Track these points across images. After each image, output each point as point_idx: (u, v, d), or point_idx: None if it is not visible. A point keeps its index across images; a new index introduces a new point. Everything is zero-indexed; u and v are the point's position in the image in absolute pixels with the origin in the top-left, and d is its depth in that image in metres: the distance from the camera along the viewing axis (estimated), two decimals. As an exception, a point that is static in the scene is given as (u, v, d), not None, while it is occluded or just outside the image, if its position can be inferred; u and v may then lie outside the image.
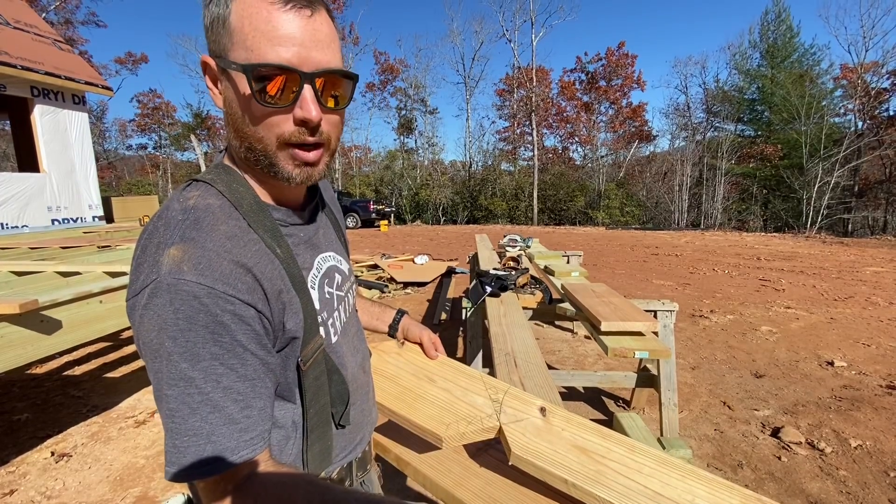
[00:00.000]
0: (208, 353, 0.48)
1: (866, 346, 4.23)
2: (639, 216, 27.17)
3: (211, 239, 0.51)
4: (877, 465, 2.40)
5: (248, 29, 0.50)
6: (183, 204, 0.54)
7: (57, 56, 6.93)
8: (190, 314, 0.47)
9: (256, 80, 0.51)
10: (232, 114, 0.55)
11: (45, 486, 2.27)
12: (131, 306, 0.50)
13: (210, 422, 0.48)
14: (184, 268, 0.48)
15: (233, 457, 0.49)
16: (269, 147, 0.55)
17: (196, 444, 0.48)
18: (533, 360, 1.70)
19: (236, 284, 0.50)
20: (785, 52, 25.67)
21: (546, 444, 0.76)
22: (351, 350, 0.74)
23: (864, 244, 13.34)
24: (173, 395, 0.48)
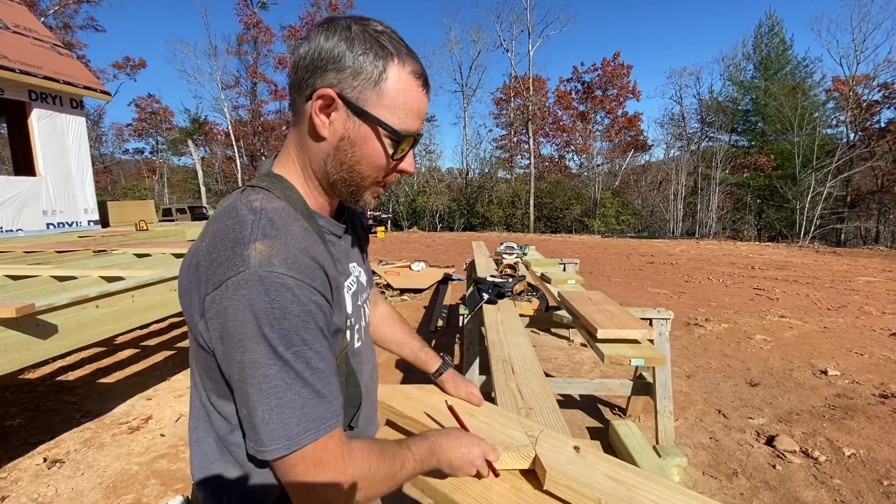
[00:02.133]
0: (299, 339, 0.53)
1: (859, 355, 4.27)
2: (634, 225, 27.32)
3: (290, 236, 0.56)
4: (870, 474, 2.42)
5: (401, 101, 0.60)
6: (249, 206, 0.58)
7: (55, 60, 6.94)
8: (284, 304, 0.52)
9: (393, 142, 0.61)
10: (343, 149, 0.61)
11: (37, 493, 2.24)
12: (212, 300, 0.53)
13: (303, 396, 0.53)
14: (273, 261, 0.52)
15: (324, 425, 0.55)
16: (366, 182, 0.64)
17: (294, 415, 0.53)
18: (530, 368, 1.71)
19: (316, 278, 0.55)
20: (778, 65, 26.06)
21: (580, 472, 0.79)
22: (367, 357, 0.79)
23: (857, 254, 13.47)
24: (272, 375, 0.52)
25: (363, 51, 0.57)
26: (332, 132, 0.61)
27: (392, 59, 0.58)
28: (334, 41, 0.57)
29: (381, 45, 0.58)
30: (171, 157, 36.07)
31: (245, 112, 32.20)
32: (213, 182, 31.76)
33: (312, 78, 0.59)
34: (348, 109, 0.59)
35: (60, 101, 6.82)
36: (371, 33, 0.58)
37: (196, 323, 0.56)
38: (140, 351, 4.45)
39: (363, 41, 0.57)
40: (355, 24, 0.58)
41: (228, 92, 31.14)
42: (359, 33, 0.58)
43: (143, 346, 4.61)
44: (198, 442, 0.65)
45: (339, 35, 0.58)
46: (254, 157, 32.26)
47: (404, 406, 1.03)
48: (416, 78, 0.60)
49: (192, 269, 0.57)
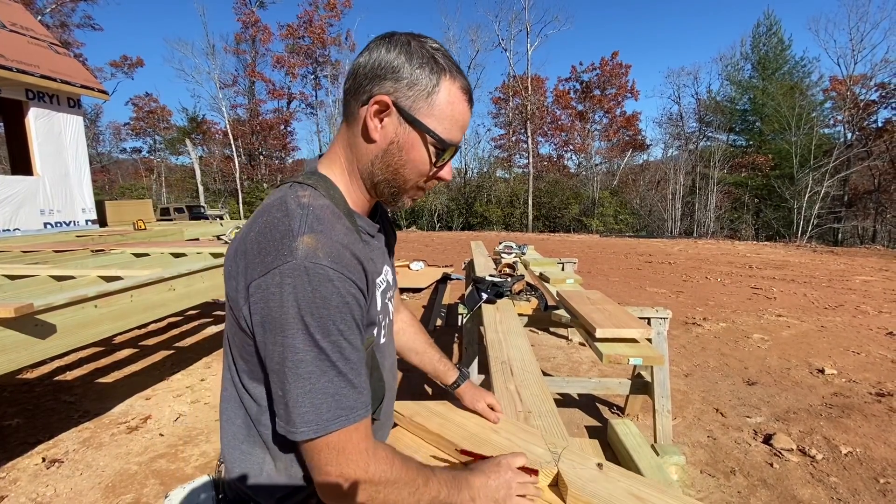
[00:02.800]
0: (336, 329, 0.56)
1: (856, 353, 4.29)
2: (632, 224, 27.37)
3: (333, 232, 0.60)
4: (867, 472, 2.43)
5: (449, 113, 0.65)
6: (298, 201, 0.62)
7: (52, 59, 6.91)
8: (325, 294, 0.55)
9: (437, 150, 0.66)
10: (391, 152, 0.66)
11: (35, 493, 2.24)
12: (258, 286, 0.56)
13: (335, 384, 0.56)
14: (318, 254, 0.56)
15: (353, 414, 0.58)
16: (408, 185, 0.69)
17: (327, 401, 0.56)
18: (529, 369, 1.71)
19: (355, 272, 0.59)
20: (776, 64, 26.12)
21: (602, 489, 0.78)
22: (389, 353, 0.83)
23: (854, 253, 13.52)
24: (308, 360, 0.55)
25: (420, 64, 0.63)
26: (382, 136, 0.65)
27: (445, 74, 0.64)
28: (394, 53, 0.63)
29: (435, 61, 0.64)
30: (169, 157, 36.01)
31: (243, 111, 32.15)
32: (211, 181, 31.69)
33: (371, 85, 0.63)
34: (400, 116, 0.64)
35: (57, 100, 6.80)
36: (428, 50, 0.64)
37: (241, 307, 0.59)
38: (138, 351, 4.44)
39: (420, 56, 0.63)
40: (413, 41, 0.64)
41: (226, 91, 31.10)
42: (417, 48, 0.63)
43: (142, 345, 4.60)
44: (228, 422, 0.69)
45: (399, 48, 0.63)
46: (252, 156, 32.19)
47: (430, 423, 1.03)
48: (463, 93, 0.66)
49: (239, 255, 0.60)
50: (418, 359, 1.07)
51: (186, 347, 4.53)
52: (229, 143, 30.03)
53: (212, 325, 5.28)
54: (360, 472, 0.58)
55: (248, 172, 31.47)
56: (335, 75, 32.03)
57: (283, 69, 31.62)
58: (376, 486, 0.59)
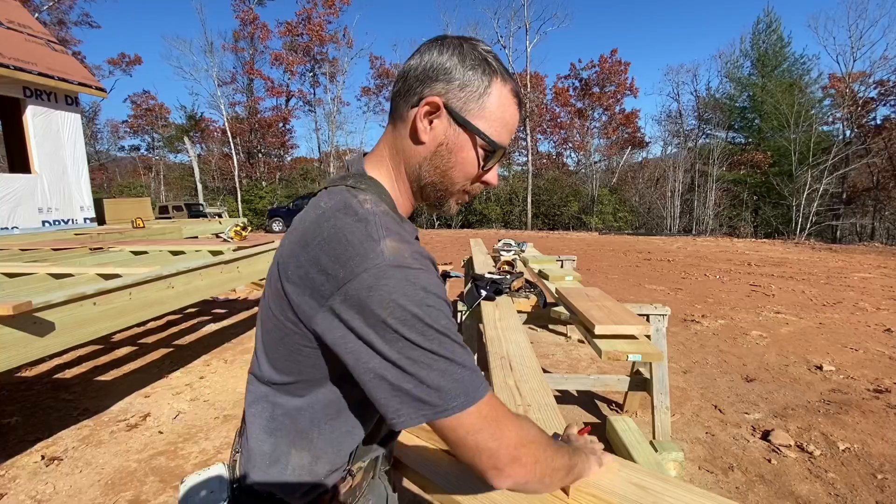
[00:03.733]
0: (443, 316, 0.56)
1: (854, 350, 4.30)
2: (631, 222, 27.38)
3: (405, 235, 0.60)
4: (864, 468, 2.44)
5: (500, 116, 0.64)
6: (363, 206, 0.61)
7: (50, 57, 6.88)
8: (426, 284, 0.55)
9: (486, 152, 0.65)
10: (440, 154, 0.65)
11: (35, 491, 2.24)
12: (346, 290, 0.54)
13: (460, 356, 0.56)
14: (405, 255, 0.56)
15: (482, 387, 0.57)
16: (454, 188, 0.68)
17: (465, 375, 0.55)
18: (528, 364, 1.71)
19: (434, 272, 0.59)
20: (775, 62, 26.11)
21: (604, 479, 0.79)
22: None
23: (852, 250, 13.55)
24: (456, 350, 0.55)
25: (472, 66, 0.63)
26: (432, 137, 0.65)
27: (496, 76, 0.64)
28: (447, 55, 0.63)
29: (488, 63, 0.64)
30: (168, 155, 35.90)
31: (241, 109, 32.04)
32: (210, 179, 31.62)
33: (422, 87, 0.63)
34: (451, 118, 0.63)
35: (55, 97, 6.77)
36: (480, 52, 0.64)
37: (311, 317, 0.57)
38: (137, 349, 4.44)
39: (473, 58, 0.63)
40: (466, 43, 0.64)
41: (225, 88, 30.95)
42: (469, 50, 0.63)
43: (140, 343, 4.60)
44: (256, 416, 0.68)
45: (452, 51, 0.63)
46: (250, 154, 32.11)
47: None
48: (514, 97, 0.66)
49: (306, 264, 0.58)
50: None
51: (185, 345, 4.52)
52: (228, 141, 29.95)
53: (211, 323, 5.28)
54: (520, 436, 0.59)
55: (247, 170, 31.38)
56: (333, 73, 31.95)
57: (282, 67, 31.53)
58: (534, 452, 0.60)
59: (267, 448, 0.67)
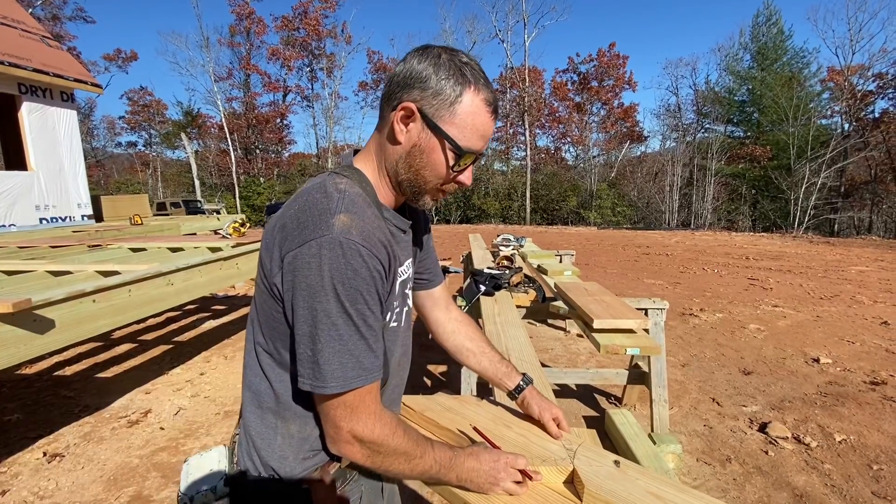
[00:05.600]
0: (362, 298, 0.63)
1: (851, 343, 4.33)
2: (630, 216, 27.38)
3: (366, 217, 0.66)
4: (860, 459, 2.47)
5: (470, 123, 0.69)
6: (336, 186, 0.68)
7: (45, 52, 6.83)
8: (356, 267, 0.62)
9: (456, 156, 0.70)
10: (413, 154, 0.71)
11: (37, 487, 2.26)
12: (295, 255, 0.62)
13: (359, 346, 0.63)
14: (352, 231, 0.62)
15: (370, 375, 0.65)
16: (427, 186, 0.74)
17: (351, 361, 0.63)
18: (527, 359, 1.72)
19: (380, 253, 0.65)
20: (775, 55, 26.03)
21: (620, 487, 0.77)
22: (402, 341, 0.85)
23: (850, 244, 13.59)
24: (339, 324, 0.62)
25: (446, 76, 0.68)
26: (407, 139, 0.71)
27: (469, 86, 0.68)
28: (424, 64, 0.68)
29: (462, 74, 0.68)
30: (165, 151, 35.74)
31: (238, 104, 31.87)
32: (208, 176, 31.49)
33: (401, 92, 0.69)
34: (424, 122, 0.69)
35: (51, 93, 6.73)
36: (456, 63, 0.69)
37: (275, 275, 0.65)
38: (137, 345, 4.44)
39: (448, 68, 0.68)
40: (445, 53, 0.69)
41: (221, 84, 30.78)
42: (446, 61, 0.68)
43: (140, 340, 4.61)
44: (247, 388, 0.75)
45: (430, 60, 0.68)
46: (248, 150, 31.99)
47: (441, 418, 1.02)
48: (487, 105, 0.70)
49: (277, 228, 0.67)
50: (475, 360, 1.02)
51: (185, 342, 4.53)
52: (225, 137, 29.82)
53: (210, 320, 5.29)
54: (366, 431, 0.66)
55: (245, 167, 31.26)
56: (330, 68, 31.78)
57: (279, 62, 31.36)
58: (377, 446, 0.67)
59: (258, 422, 0.73)
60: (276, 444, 0.72)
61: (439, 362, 3.86)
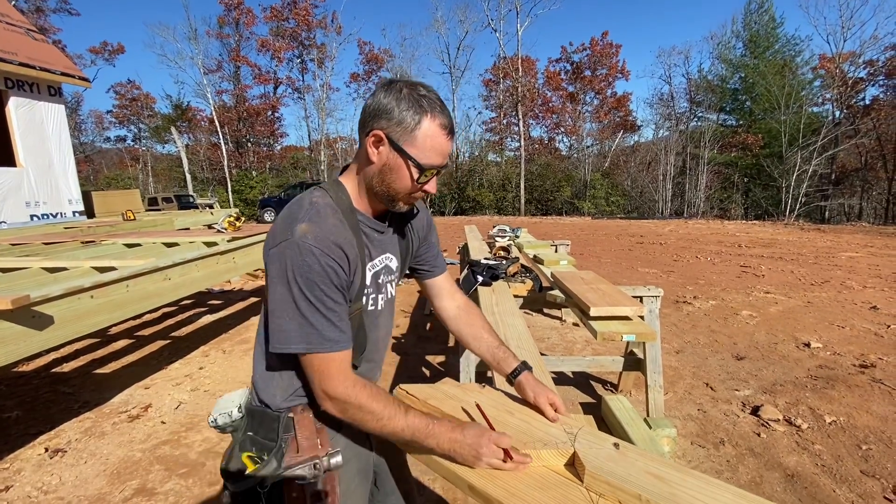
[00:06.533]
0: (318, 288, 0.80)
1: (841, 328, 4.41)
2: (624, 206, 27.50)
3: (324, 225, 0.82)
4: (850, 439, 2.54)
5: (429, 144, 0.84)
6: (310, 200, 0.87)
7: (31, 46, 6.71)
8: (310, 263, 0.79)
9: (419, 172, 0.85)
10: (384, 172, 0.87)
11: (41, 482, 2.27)
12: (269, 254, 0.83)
13: (321, 323, 0.81)
14: (308, 236, 0.79)
15: (337, 345, 0.82)
16: (399, 196, 0.89)
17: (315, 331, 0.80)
18: (526, 347, 1.75)
19: (334, 253, 0.81)
20: (767, 42, 26.06)
21: (620, 468, 0.79)
22: (382, 322, 1.02)
23: (840, 230, 13.76)
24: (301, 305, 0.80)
25: (407, 107, 0.82)
26: (378, 159, 0.87)
27: (426, 115, 0.83)
28: (389, 98, 0.83)
29: (420, 105, 0.83)
30: (155, 146, 35.28)
31: (229, 97, 31.45)
32: (199, 170, 31.17)
33: (372, 121, 0.85)
34: (391, 146, 0.84)
35: (38, 88, 6.62)
36: (415, 96, 0.83)
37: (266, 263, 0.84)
38: (134, 341, 4.44)
39: (408, 100, 0.83)
40: (406, 88, 0.84)
41: (211, 76, 30.30)
42: (406, 94, 0.83)
43: (137, 336, 4.60)
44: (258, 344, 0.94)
45: (393, 94, 0.83)
46: (239, 143, 31.65)
47: (444, 404, 1.04)
48: (442, 129, 0.85)
49: (269, 234, 0.86)
50: (476, 345, 1.12)
51: (183, 337, 4.53)
52: (216, 131, 29.46)
53: (207, 315, 5.28)
54: (334, 390, 0.82)
55: (236, 160, 30.95)
56: (321, 59, 31.41)
57: (269, 53, 30.93)
58: (346, 404, 0.82)
59: (263, 370, 0.92)
60: (270, 388, 0.92)
61: (437, 353, 3.90)
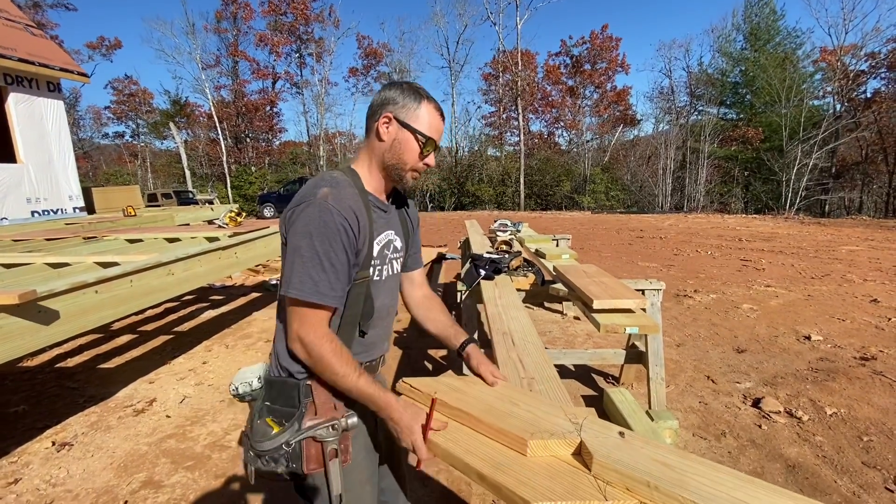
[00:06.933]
0: (328, 242, 0.92)
1: (841, 320, 4.43)
2: (624, 200, 27.46)
3: (342, 192, 0.97)
4: (851, 431, 2.56)
5: (427, 120, 1.04)
6: (329, 173, 1.03)
7: (29, 42, 6.68)
8: (327, 220, 0.92)
9: (424, 144, 1.04)
10: (396, 145, 1.04)
11: (49, 475, 2.29)
12: (292, 212, 0.95)
13: (320, 275, 0.92)
14: (329, 199, 0.94)
15: (325, 298, 0.92)
16: (406, 167, 1.06)
17: (310, 282, 0.91)
18: (530, 339, 1.76)
19: (349, 215, 0.95)
20: (768, 35, 25.91)
21: (627, 456, 0.80)
22: (386, 293, 1.13)
23: (841, 224, 13.76)
24: (308, 256, 0.91)
25: (408, 95, 1.04)
26: (389, 136, 1.04)
27: (423, 100, 1.04)
28: (393, 91, 1.04)
29: (418, 93, 1.05)
30: (153, 142, 35.17)
31: (227, 92, 31.31)
32: (198, 166, 31.11)
33: (381, 108, 1.04)
34: (399, 124, 1.03)
35: (37, 84, 6.60)
36: (413, 87, 1.05)
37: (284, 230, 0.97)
38: (138, 336, 4.46)
39: (408, 91, 1.04)
40: (405, 84, 1.06)
41: (209, 72, 30.15)
42: (406, 88, 1.05)
43: (141, 331, 4.61)
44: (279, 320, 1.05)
45: (396, 88, 1.04)
46: (238, 138, 31.55)
47: (448, 397, 1.05)
48: (436, 110, 1.06)
49: (292, 202, 0.98)
50: (433, 325, 1.27)
51: (185, 332, 4.55)
52: (214, 126, 29.37)
53: (209, 310, 5.30)
54: (307, 337, 0.92)
55: (235, 156, 30.87)
56: (320, 53, 31.25)
57: (267, 48, 30.77)
58: (310, 351, 0.93)
59: (281, 342, 1.02)
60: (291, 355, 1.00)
61: (439, 346, 3.91)
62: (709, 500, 0.69)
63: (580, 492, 0.75)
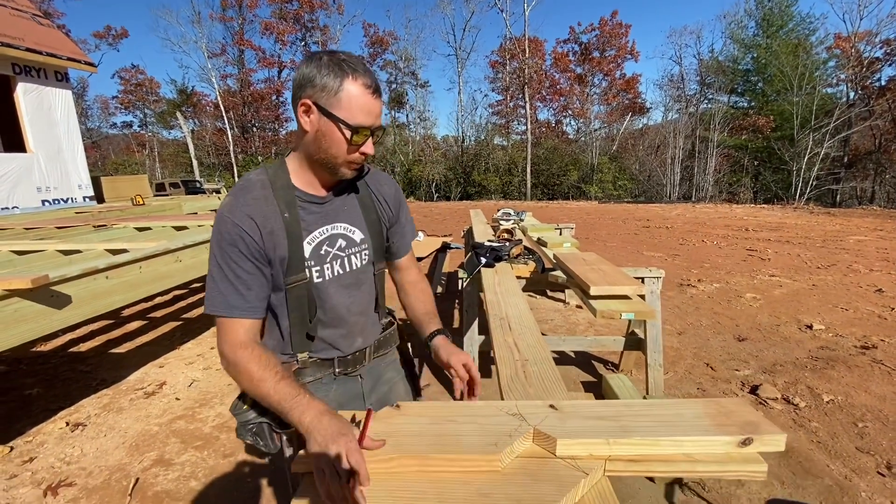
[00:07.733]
0: (228, 255, 0.88)
1: (844, 310, 4.42)
2: (631, 189, 27.24)
3: (244, 198, 0.91)
4: (847, 417, 2.58)
5: (354, 104, 0.86)
6: (246, 177, 0.96)
7: (37, 31, 6.73)
8: (223, 230, 0.88)
9: (351, 132, 0.87)
10: (318, 138, 0.90)
11: (63, 453, 2.38)
12: None
13: (227, 289, 0.89)
14: (225, 209, 0.90)
15: (235, 311, 0.89)
16: (338, 160, 0.92)
17: (219, 297, 0.89)
18: (526, 324, 1.80)
19: (244, 223, 0.88)
20: (781, 21, 25.33)
21: (575, 425, 0.83)
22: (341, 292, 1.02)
23: (851, 214, 13.59)
24: (215, 271, 0.89)
25: (327, 73, 0.85)
26: (311, 127, 0.89)
27: (347, 76, 0.85)
28: (310, 68, 0.86)
29: (340, 68, 0.85)
30: (161, 131, 35.34)
31: (233, 81, 31.33)
32: (205, 155, 31.24)
33: (299, 92, 0.88)
34: (319, 112, 0.87)
35: (45, 73, 6.67)
36: (335, 60, 0.85)
37: None
38: (147, 322, 4.56)
39: (328, 66, 0.85)
40: (325, 56, 0.86)
41: (215, 61, 30.18)
42: (326, 62, 0.85)
43: (150, 317, 4.72)
44: None
45: (314, 64, 0.86)
46: (245, 128, 31.61)
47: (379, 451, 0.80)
48: (366, 88, 0.87)
49: None
50: (410, 312, 1.21)
51: (194, 318, 4.64)
52: (221, 116, 29.44)
53: (217, 297, 5.38)
54: (223, 348, 0.90)
55: (242, 145, 30.97)
56: (325, 41, 31.06)
57: (272, 36, 30.68)
58: (229, 362, 0.89)
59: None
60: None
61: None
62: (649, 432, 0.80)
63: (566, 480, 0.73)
